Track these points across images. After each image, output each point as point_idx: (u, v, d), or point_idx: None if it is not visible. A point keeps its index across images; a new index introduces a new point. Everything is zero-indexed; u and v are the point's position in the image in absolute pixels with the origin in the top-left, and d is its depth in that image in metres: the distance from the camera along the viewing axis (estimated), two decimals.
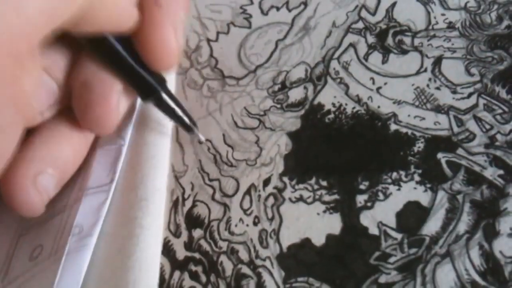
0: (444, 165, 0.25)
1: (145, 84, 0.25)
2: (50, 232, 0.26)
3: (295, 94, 0.29)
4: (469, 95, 0.27)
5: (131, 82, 0.24)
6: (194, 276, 0.25)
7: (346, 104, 0.28)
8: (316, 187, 0.26)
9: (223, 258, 0.25)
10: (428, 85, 0.27)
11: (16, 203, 0.23)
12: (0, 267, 0.26)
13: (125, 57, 0.23)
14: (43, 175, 0.24)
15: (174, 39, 0.23)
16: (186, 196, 0.28)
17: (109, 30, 0.22)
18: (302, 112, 0.29)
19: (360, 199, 0.25)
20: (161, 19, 0.23)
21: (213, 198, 0.27)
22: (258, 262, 0.25)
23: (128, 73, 0.24)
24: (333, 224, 0.25)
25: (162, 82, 0.25)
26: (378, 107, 0.28)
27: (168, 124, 0.29)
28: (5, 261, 0.26)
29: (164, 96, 0.25)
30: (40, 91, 0.23)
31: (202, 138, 0.28)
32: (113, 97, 0.24)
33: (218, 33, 0.33)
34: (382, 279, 0.23)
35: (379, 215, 0.24)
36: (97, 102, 0.24)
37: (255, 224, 0.26)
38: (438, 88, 0.27)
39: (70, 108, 0.25)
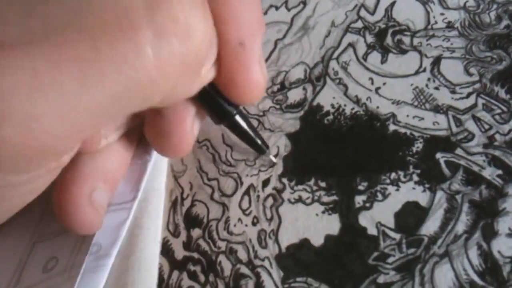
0: (443, 165, 0.25)
1: (220, 109, 0.24)
2: (66, 245, 0.25)
3: (294, 95, 0.29)
4: (468, 95, 0.27)
5: (206, 107, 0.24)
6: (192, 276, 0.25)
7: (345, 105, 0.28)
8: (315, 188, 0.26)
9: (221, 258, 0.25)
10: (427, 85, 0.27)
11: (74, 223, 0.22)
12: (12, 273, 0.25)
13: (205, 94, 0.23)
14: (97, 190, 0.23)
15: (261, 76, 0.22)
16: (185, 196, 0.28)
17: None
18: (301, 113, 0.29)
19: (359, 199, 0.25)
20: (247, 59, 0.21)
21: (212, 198, 0.27)
22: (257, 262, 0.25)
23: (204, 100, 0.23)
24: (332, 224, 0.25)
25: (235, 106, 0.24)
26: (377, 107, 0.28)
27: None
28: (17, 268, 0.25)
29: (238, 119, 0.25)
30: None
31: (274, 160, 0.28)
32: (188, 124, 0.23)
33: None
34: (381, 279, 0.23)
35: (378, 216, 0.24)
36: (173, 130, 0.23)
37: (254, 224, 0.26)
38: (437, 88, 0.27)
39: None
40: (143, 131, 0.24)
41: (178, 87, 0.19)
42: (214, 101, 0.23)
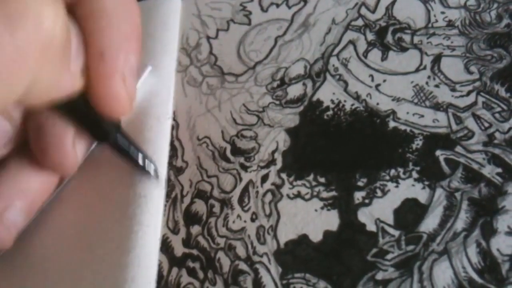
0: (443, 163, 0.25)
1: (100, 130, 0.24)
2: None
3: (294, 91, 0.29)
4: (468, 93, 0.27)
5: (86, 128, 0.24)
6: (191, 273, 0.25)
7: (345, 101, 0.28)
8: (314, 183, 0.26)
9: (220, 254, 0.25)
10: (427, 83, 0.27)
11: None
12: None
13: (78, 106, 0.23)
14: (10, 209, 0.24)
15: (122, 89, 0.23)
16: (184, 193, 0.28)
17: (56, 99, 0.22)
18: (301, 108, 0.29)
19: (358, 195, 0.25)
20: (107, 71, 0.22)
21: (211, 195, 0.27)
22: (256, 258, 0.25)
23: (82, 121, 0.24)
24: (331, 220, 0.25)
25: (116, 126, 0.25)
26: (377, 104, 0.28)
27: (167, 122, 0.29)
28: None
29: (119, 139, 0.25)
30: None
31: (157, 178, 0.27)
32: (68, 142, 0.24)
33: (218, 30, 0.33)
34: (379, 275, 0.23)
35: (377, 212, 0.24)
36: (53, 146, 0.24)
37: (252, 220, 0.26)
38: (437, 86, 0.27)
39: None
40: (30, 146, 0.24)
41: (43, 77, 0.20)
42: (93, 122, 0.24)
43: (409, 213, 0.24)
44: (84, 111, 0.23)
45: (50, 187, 0.26)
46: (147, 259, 0.25)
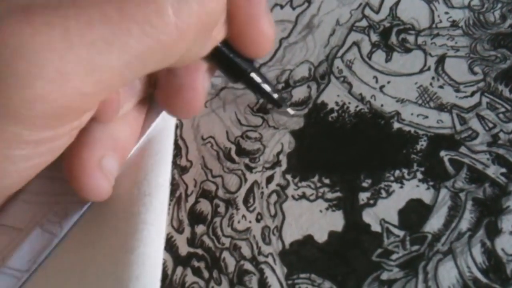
0: (447, 163, 0.25)
1: (236, 67, 0.24)
2: None
3: (299, 93, 0.29)
4: (472, 93, 0.27)
5: (221, 67, 0.24)
6: (196, 272, 0.26)
7: (349, 103, 0.28)
8: (319, 184, 0.26)
9: (225, 254, 0.26)
10: (431, 84, 0.27)
11: (84, 188, 0.23)
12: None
13: (220, 52, 0.23)
14: (107, 158, 0.24)
15: (270, 27, 0.23)
16: (189, 192, 0.28)
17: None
18: (306, 110, 0.29)
19: (363, 196, 0.25)
20: (255, 12, 0.22)
21: (216, 195, 0.27)
22: (261, 258, 0.25)
23: (218, 58, 0.24)
24: (336, 221, 0.25)
25: (250, 62, 0.25)
26: (381, 105, 0.28)
27: (172, 121, 0.29)
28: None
29: (254, 76, 0.25)
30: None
31: (292, 112, 0.29)
32: (199, 81, 0.24)
33: None
34: (384, 276, 0.23)
35: (382, 213, 0.24)
36: (185, 88, 0.24)
37: (258, 221, 0.26)
38: (441, 87, 0.27)
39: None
40: (155, 95, 0.25)
41: (194, 47, 0.20)
42: (228, 59, 0.24)
43: (414, 214, 0.24)
44: (225, 55, 0.23)
45: (136, 135, 0.26)
46: (152, 258, 0.25)
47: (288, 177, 0.27)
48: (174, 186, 0.28)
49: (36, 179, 0.22)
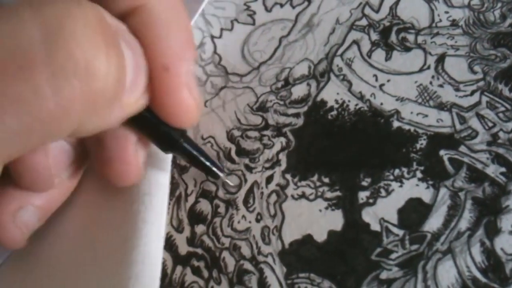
0: (446, 162, 0.25)
1: (165, 137, 0.24)
2: None
3: (298, 91, 0.29)
4: (472, 92, 0.27)
5: (150, 137, 0.24)
6: (196, 271, 0.26)
7: (349, 101, 0.28)
8: (318, 184, 0.26)
9: (225, 254, 0.26)
10: (431, 83, 0.27)
11: None
12: None
13: (141, 114, 0.23)
14: (24, 210, 0.24)
15: (190, 98, 0.22)
16: (189, 192, 0.28)
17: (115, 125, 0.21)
18: (305, 108, 0.29)
19: (362, 195, 0.25)
20: (174, 84, 0.22)
21: (216, 195, 0.27)
22: (260, 258, 0.25)
23: (146, 129, 0.23)
24: (335, 220, 0.25)
25: (182, 132, 0.25)
26: (381, 104, 0.28)
27: None
28: None
29: (186, 146, 0.25)
30: (57, 154, 0.23)
31: (231, 183, 0.28)
32: (130, 152, 0.23)
33: (222, 29, 0.33)
34: (384, 275, 0.23)
35: (381, 212, 0.24)
36: (115, 159, 0.23)
37: (257, 220, 0.26)
38: (441, 86, 0.27)
39: None
40: (90, 163, 0.24)
41: (91, 121, 0.19)
42: (156, 128, 0.23)
43: (413, 213, 0.24)
44: (151, 123, 0.23)
45: (68, 191, 0.26)
46: (151, 257, 0.25)
47: (288, 176, 0.27)
48: (174, 185, 0.28)
49: None
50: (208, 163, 0.26)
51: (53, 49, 0.17)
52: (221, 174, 0.26)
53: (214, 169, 0.26)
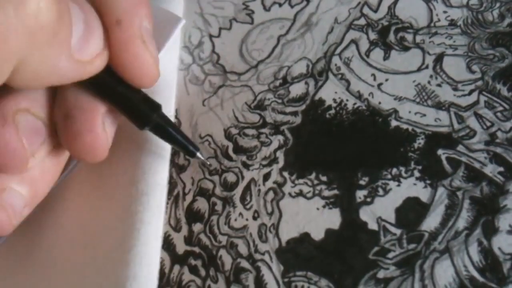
0: (444, 162, 0.25)
1: (139, 113, 0.24)
2: None
3: (296, 89, 0.29)
4: (470, 92, 0.27)
5: (124, 112, 0.24)
6: (193, 270, 0.25)
7: (347, 100, 0.28)
8: (316, 182, 0.26)
9: (222, 252, 0.26)
10: (429, 82, 0.27)
11: None
12: None
13: (112, 86, 0.23)
14: (6, 192, 0.23)
15: (145, 52, 0.23)
16: (186, 191, 0.28)
17: (67, 81, 0.21)
18: (303, 107, 0.29)
19: (360, 194, 0.25)
20: (126, 37, 0.22)
21: (213, 193, 0.27)
22: (257, 256, 0.25)
23: (119, 104, 0.23)
24: (333, 219, 0.25)
25: (156, 108, 0.25)
26: (379, 103, 0.28)
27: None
28: None
29: (161, 123, 0.25)
30: (28, 132, 0.22)
31: (208, 162, 0.28)
32: (98, 124, 0.23)
33: (220, 29, 0.33)
34: (381, 274, 0.23)
35: (379, 211, 0.24)
36: (82, 132, 0.23)
37: (254, 218, 0.26)
38: (439, 85, 0.27)
39: None
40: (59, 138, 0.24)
41: (33, 58, 0.19)
42: (131, 104, 0.23)
43: (411, 212, 0.24)
44: (120, 87, 0.23)
45: (53, 177, 0.25)
46: (149, 257, 0.25)
47: (285, 174, 0.27)
48: (172, 184, 0.28)
49: None
50: (183, 140, 0.26)
51: None
52: (196, 152, 0.26)
53: (190, 147, 0.26)
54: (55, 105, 0.23)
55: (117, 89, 0.23)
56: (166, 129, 0.25)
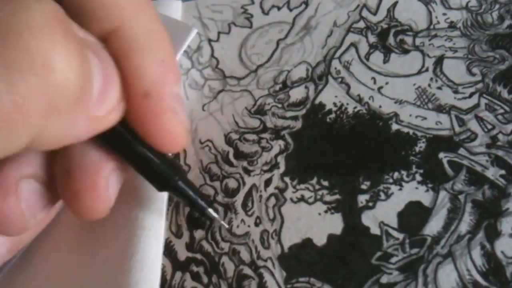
0: (446, 165, 0.25)
1: (159, 176, 0.22)
2: None
3: (296, 94, 0.29)
4: (471, 94, 0.27)
5: (142, 173, 0.22)
6: (195, 277, 0.25)
7: (347, 104, 0.28)
8: (317, 187, 0.26)
9: (224, 259, 0.25)
10: (429, 85, 0.27)
11: None
12: None
13: (134, 145, 0.21)
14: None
15: (176, 123, 0.21)
16: None
17: (80, 140, 0.19)
18: (304, 111, 0.29)
19: (362, 199, 0.25)
20: (155, 108, 0.20)
21: (214, 199, 0.27)
22: (260, 262, 0.25)
23: (137, 164, 0.22)
24: (335, 224, 0.25)
25: (176, 170, 0.23)
26: (380, 106, 0.27)
27: None
28: None
29: (182, 186, 0.23)
30: (31, 199, 0.21)
31: (226, 226, 0.26)
32: (101, 184, 0.21)
33: (219, 33, 0.33)
34: (384, 279, 0.23)
35: (381, 215, 0.24)
36: (84, 192, 0.21)
37: (256, 224, 0.26)
38: (439, 88, 0.27)
39: None
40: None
41: (52, 127, 0.17)
42: (152, 165, 0.22)
43: (413, 216, 0.24)
44: (141, 147, 0.21)
45: (41, 226, 0.25)
46: (150, 263, 0.25)
47: (287, 179, 0.27)
48: None
49: None
50: (204, 204, 0.25)
51: (5, 42, 0.15)
52: (216, 216, 0.25)
53: (210, 210, 0.25)
54: (56, 159, 0.22)
55: (137, 148, 0.21)
56: (186, 193, 0.24)
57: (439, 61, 0.28)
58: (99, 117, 0.19)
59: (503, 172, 0.24)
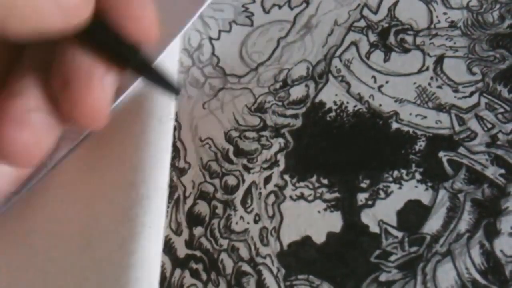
0: (446, 164, 0.25)
1: (122, 53, 0.22)
2: None
3: (297, 92, 0.29)
4: (471, 94, 0.27)
5: (106, 55, 0.22)
6: (194, 274, 0.25)
7: (347, 102, 0.28)
8: (317, 185, 0.26)
9: (223, 256, 0.25)
10: (429, 84, 0.27)
11: None
12: None
13: (96, 33, 0.21)
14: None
15: (144, 7, 0.21)
16: (187, 194, 0.28)
17: (55, 28, 0.20)
18: (304, 109, 0.29)
19: (361, 197, 0.25)
20: None
21: (214, 196, 0.27)
22: (259, 259, 0.25)
23: (101, 48, 0.22)
24: (334, 222, 0.25)
25: (136, 47, 0.23)
26: (380, 105, 0.28)
27: (169, 123, 0.29)
28: None
29: (146, 60, 0.23)
30: (44, 130, 0.22)
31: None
32: (96, 87, 0.22)
33: (220, 31, 0.33)
34: (383, 277, 0.23)
35: (380, 213, 0.24)
36: (83, 97, 0.22)
37: (255, 222, 0.26)
38: (439, 87, 0.27)
39: None
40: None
41: (18, 3, 0.18)
42: (110, 43, 0.22)
43: (412, 215, 0.24)
44: (104, 37, 0.22)
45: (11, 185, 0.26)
46: (150, 261, 0.25)
47: (286, 177, 0.27)
48: (172, 188, 0.28)
49: None
50: (165, 78, 0.24)
51: None
52: (177, 88, 0.24)
53: (170, 83, 0.24)
54: (53, 76, 0.22)
55: (111, 40, 0.22)
56: (150, 68, 0.23)
57: (440, 60, 0.28)
58: (67, 8, 0.19)
59: (502, 171, 0.24)
